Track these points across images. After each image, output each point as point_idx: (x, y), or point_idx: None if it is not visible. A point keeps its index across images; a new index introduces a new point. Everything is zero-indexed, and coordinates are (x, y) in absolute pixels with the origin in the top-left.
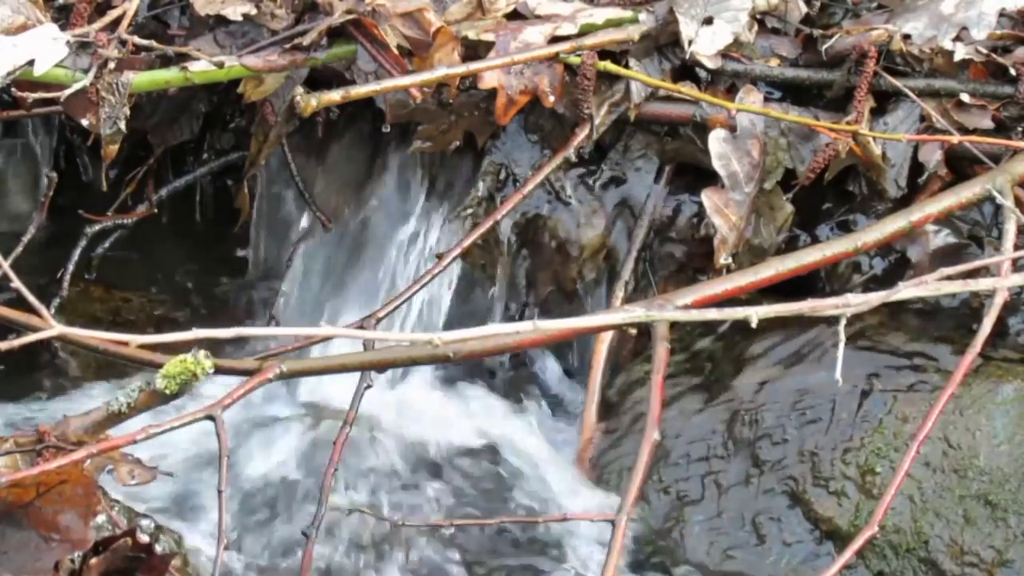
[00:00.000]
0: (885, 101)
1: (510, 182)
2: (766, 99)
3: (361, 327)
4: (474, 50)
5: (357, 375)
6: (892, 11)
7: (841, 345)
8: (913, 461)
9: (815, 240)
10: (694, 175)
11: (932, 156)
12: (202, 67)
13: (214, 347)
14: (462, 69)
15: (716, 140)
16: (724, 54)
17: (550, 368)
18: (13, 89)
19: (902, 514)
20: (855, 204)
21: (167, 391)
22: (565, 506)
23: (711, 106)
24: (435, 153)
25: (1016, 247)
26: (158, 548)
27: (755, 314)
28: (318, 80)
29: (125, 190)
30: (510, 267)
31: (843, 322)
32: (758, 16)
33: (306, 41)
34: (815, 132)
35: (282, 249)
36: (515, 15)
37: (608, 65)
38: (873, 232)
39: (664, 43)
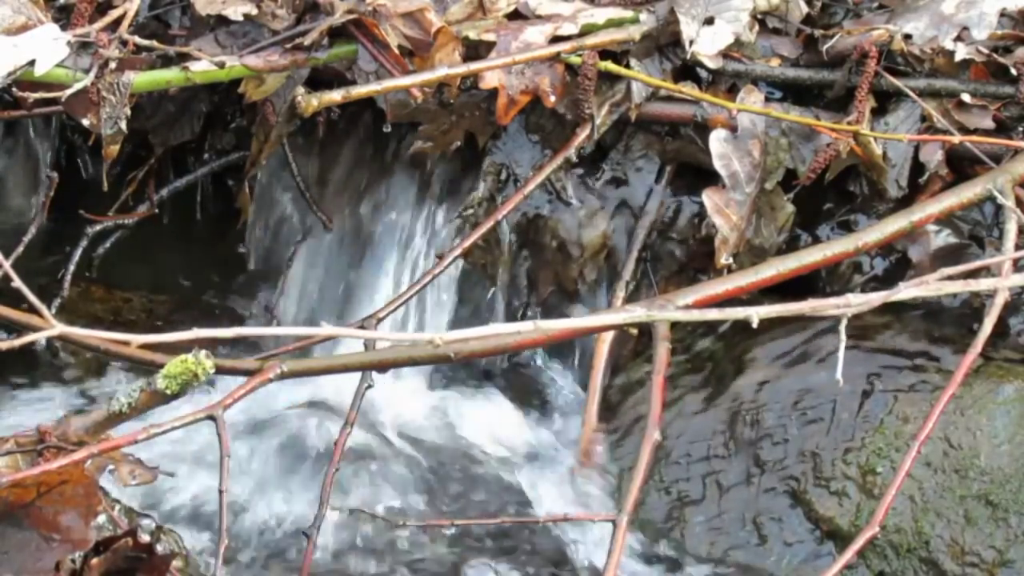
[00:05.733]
0: (886, 101)
1: (511, 182)
2: (767, 99)
3: (362, 327)
4: (475, 50)
5: (358, 375)
6: (893, 11)
7: (842, 345)
8: (914, 461)
9: (816, 240)
10: (695, 175)
11: (933, 156)
12: (203, 67)
13: (214, 347)
14: (463, 69)
15: (717, 140)
16: (725, 54)
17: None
18: (14, 89)
19: (903, 514)
20: (856, 204)
21: (168, 391)
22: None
23: (712, 106)
24: (436, 153)
25: (1017, 247)
26: (159, 548)
27: (756, 314)
28: (319, 80)
29: (126, 190)
30: (511, 267)
31: (844, 322)
32: (759, 16)
33: (307, 41)
34: (816, 132)
35: (283, 249)
36: (516, 15)
37: (609, 65)
38: (874, 232)
39: (665, 43)
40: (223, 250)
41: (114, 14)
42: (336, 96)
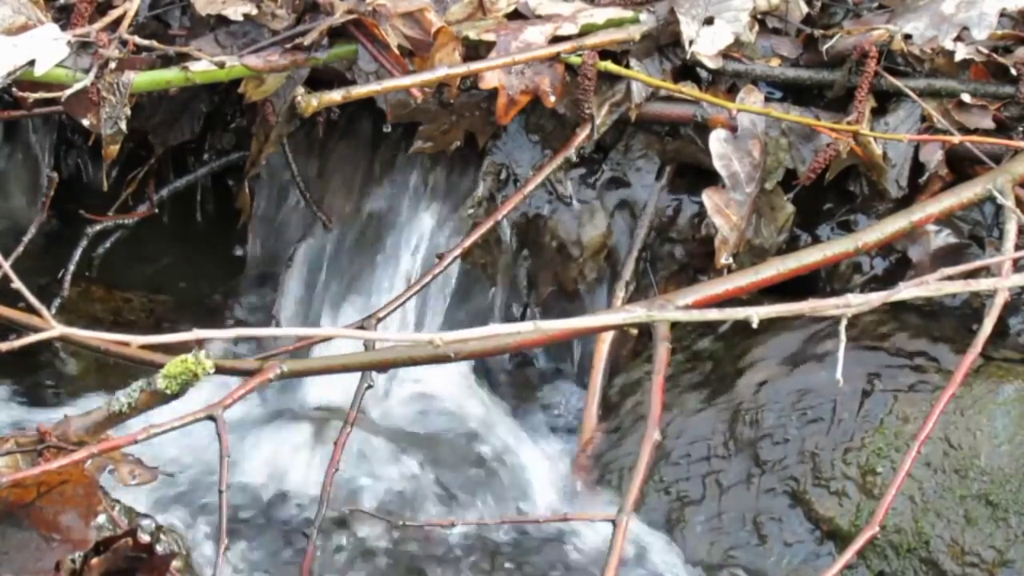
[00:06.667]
0: (886, 101)
1: (511, 182)
2: (767, 99)
3: (361, 327)
4: (475, 50)
5: (357, 375)
6: (893, 11)
7: (842, 345)
8: (914, 461)
9: (816, 240)
10: (695, 175)
11: (933, 156)
12: (203, 67)
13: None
14: (463, 69)
15: (717, 140)
16: (725, 54)
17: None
18: (14, 89)
19: (903, 514)
20: (856, 204)
21: (168, 391)
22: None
23: (712, 106)
24: (436, 153)
25: (1017, 247)
26: (159, 548)
27: (756, 314)
28: (319, 80)
29: (126, 190)
30: (511, 267)
31: (844, 322)
32: (759, 16)
33: (307, 41)
34: (816, 132)
35: (283, 249)
36: (516, 15)
37: (609, 65)
38: (874, 232)
39: (665, 43)
40: (223, 250)
41: (114, 14)
42: (336, 96)
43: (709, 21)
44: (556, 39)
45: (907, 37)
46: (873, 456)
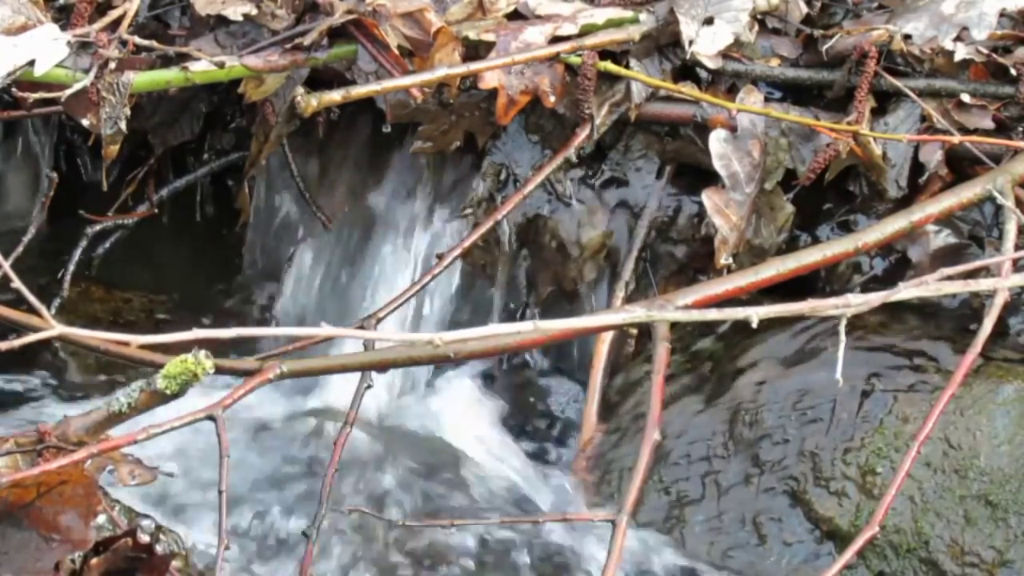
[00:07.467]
0: (886, 101)
1: (511, 182)
2: (767, 99)
3: (361, 327)
4: (475, 50)
5: (357, 375)
6: (893, 11)
7: (842, 345)
8: (914, 461)
9: (816, 240)
10: (695, 175)
11: (933, 156)
12: (203, 67)
13: (214, 347)
14: (463, 69)
15: (717, 140)
16: (725, 54)
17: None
18: (14, 89)
19: (903, 514)
20: (856, 204)
21: (168, 391)
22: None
23: (712, 106)
24: (436, 153)
25: (1017, 247)
26: (158, 548)
27: (755, 314)
28: (319, 80)
29: (125, 190)
30: (511, 267)
31: (843, 322)
32: (759, 16)
33: (307, 41)
34: (816, 132)
35: (282, 249)
36: (516, 15)
37: (609, 65)
38: (874, 232)
39: (665, 43)
40: (223, 250)
41: (114, 14)
42: (336, 96)
43: (709, 21)
44: (556, 39)
45: (907, 37)
46: (873, 456)
